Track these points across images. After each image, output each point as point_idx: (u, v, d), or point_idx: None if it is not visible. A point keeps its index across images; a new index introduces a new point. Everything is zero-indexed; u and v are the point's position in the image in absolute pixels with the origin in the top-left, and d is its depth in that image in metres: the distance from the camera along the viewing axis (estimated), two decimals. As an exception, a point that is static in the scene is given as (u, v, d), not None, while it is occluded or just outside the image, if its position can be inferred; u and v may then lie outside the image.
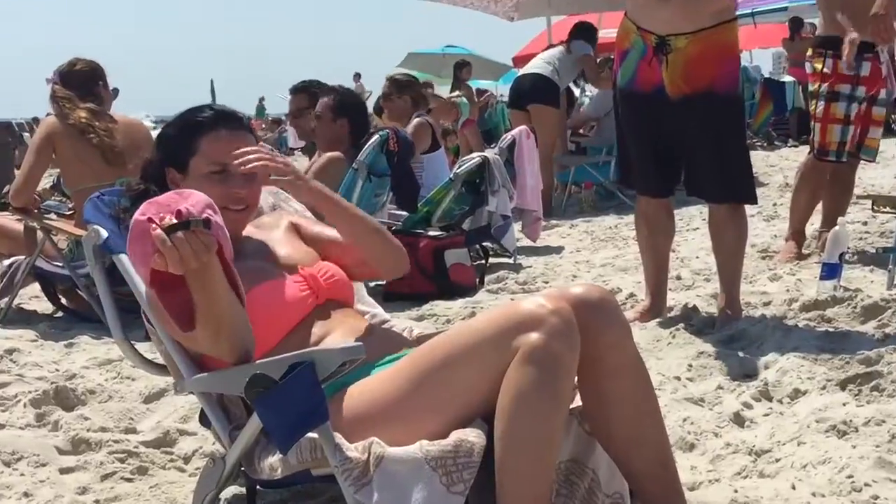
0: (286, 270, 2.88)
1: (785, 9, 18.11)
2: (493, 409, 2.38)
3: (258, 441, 2.62)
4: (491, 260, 7.23)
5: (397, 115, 8.12)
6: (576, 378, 2.52)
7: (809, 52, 6.66)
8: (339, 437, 2.41)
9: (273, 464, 2.55)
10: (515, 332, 2.36)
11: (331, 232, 3.08)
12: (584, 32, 10.89)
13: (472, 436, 2.38)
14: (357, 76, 26.60)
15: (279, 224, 3.12)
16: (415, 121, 7.80)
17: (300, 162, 9.34)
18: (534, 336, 2.33)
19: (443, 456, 2.34)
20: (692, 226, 8.25)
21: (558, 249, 8.00)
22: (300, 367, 2.39)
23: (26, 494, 3.20)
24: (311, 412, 2.39)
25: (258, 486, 2.82)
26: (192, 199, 2.38)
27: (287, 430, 2.43)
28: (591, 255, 7.59)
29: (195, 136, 2.89)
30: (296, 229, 3.11)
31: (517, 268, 7.12)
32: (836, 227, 5.52)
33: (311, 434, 2.43)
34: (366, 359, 2.52)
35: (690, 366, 4.24)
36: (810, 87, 6.60)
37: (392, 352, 2.75)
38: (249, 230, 3.02)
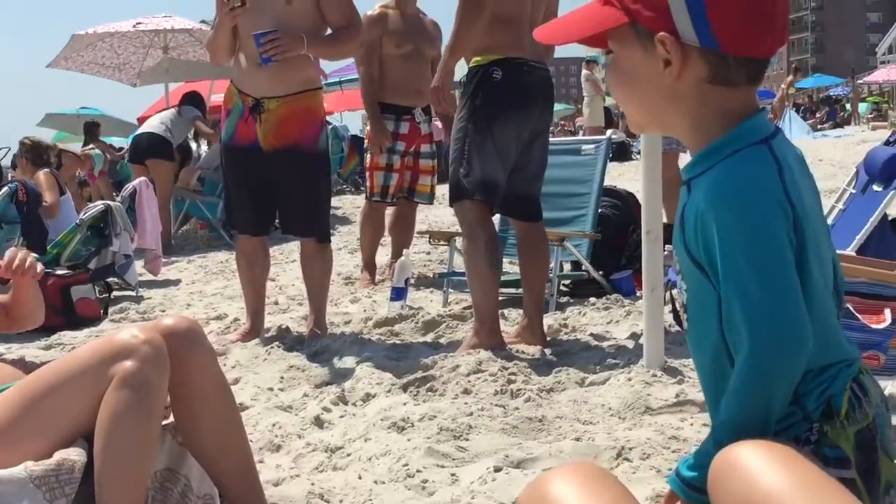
0: None
1: (368, 79, 18.67)
2: (94, 430, 2.26)
3: None
4: (115, 293, 6.95)
5: (34, 168, 7.81)
6: (168, 397, 2.45)
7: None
8: None
9: None
10: (112, 360, 2.27)
11: None
12: (192, 99, 11.02)
13: (74, 454, 2.26)
14: None
15: None
16: (40, 173, 7.45)
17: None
18: (128, 363, 2.24)
19: (46, 474, 2.20)
20: (291, 258, 8.24)
21: (176, 282, 7.78)
22: None
23: None
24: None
25: None
26: None
27: None
28: (204, 286, 7.42)
29: None
30: None
31: (139, 299, 6.86)
32: (402, 258, 5.70)
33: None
34: (-25, 389, 2.34)
35: (282, 378, 4.19)
36: (365, 144, 6.84)
37: (2, 382, 2.54)
38: None
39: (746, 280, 1.38)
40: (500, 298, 5.04)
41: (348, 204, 13.26)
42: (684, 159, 1.87)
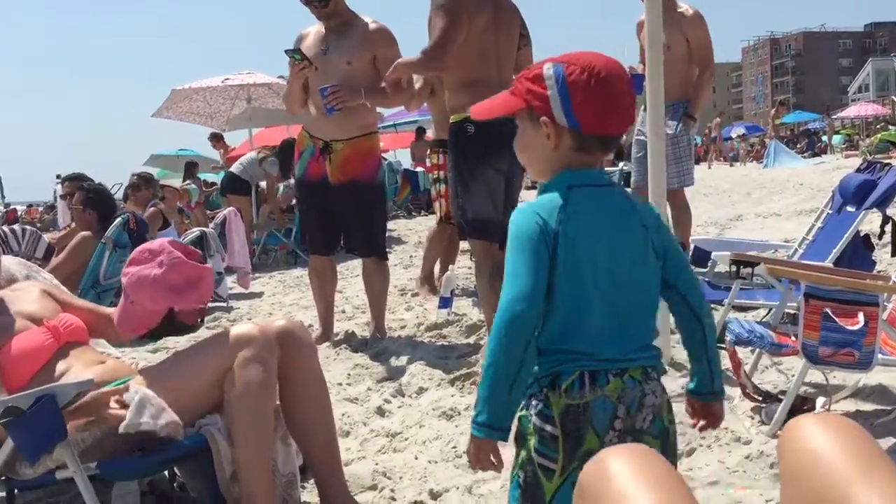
0: (34, 322, 2.68)
1: (416, 121, 18.68)
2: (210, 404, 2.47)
3: (16, 454, 2.42)
4: (210, 304, 6.98)
5: (142, 201, 7.89)
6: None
7: (429, 151, 6.84)
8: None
9: (26, 470, 2.42)
10: (237, 346, 2.46)
11: (79, 302, 2.97)
12: (284, 149, 10.60)
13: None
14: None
15: (32, 289, 2.89)
16: (150, 209, 7.58)
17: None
18: (251, 348, 2.44)
19: None
20: (355, 273, 8.21)
21: (260, 294, 7.82)
22: (44, 398, 2.27)
23: None
24: (53, 432, 2.29)
25: (15, 490, 2.58)
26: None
27: (35, 447, 2.32)
28: (283, 298, 7.46)
29: None
30: (49, 294, 2.88)
31: (229, 309, 6.92)
32: (448, 272, 5.69)
33: (54, 446, 2.29)
34: (98, 383, 2.44)
35: (349, 374, 4.22)
36: (430, 176, 6.74)
37: (119, 377, 2.61)
38: (5, 293, 2.78)
39: (506, 270, 1.66)
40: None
41: (402, 227, 13.27)
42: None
